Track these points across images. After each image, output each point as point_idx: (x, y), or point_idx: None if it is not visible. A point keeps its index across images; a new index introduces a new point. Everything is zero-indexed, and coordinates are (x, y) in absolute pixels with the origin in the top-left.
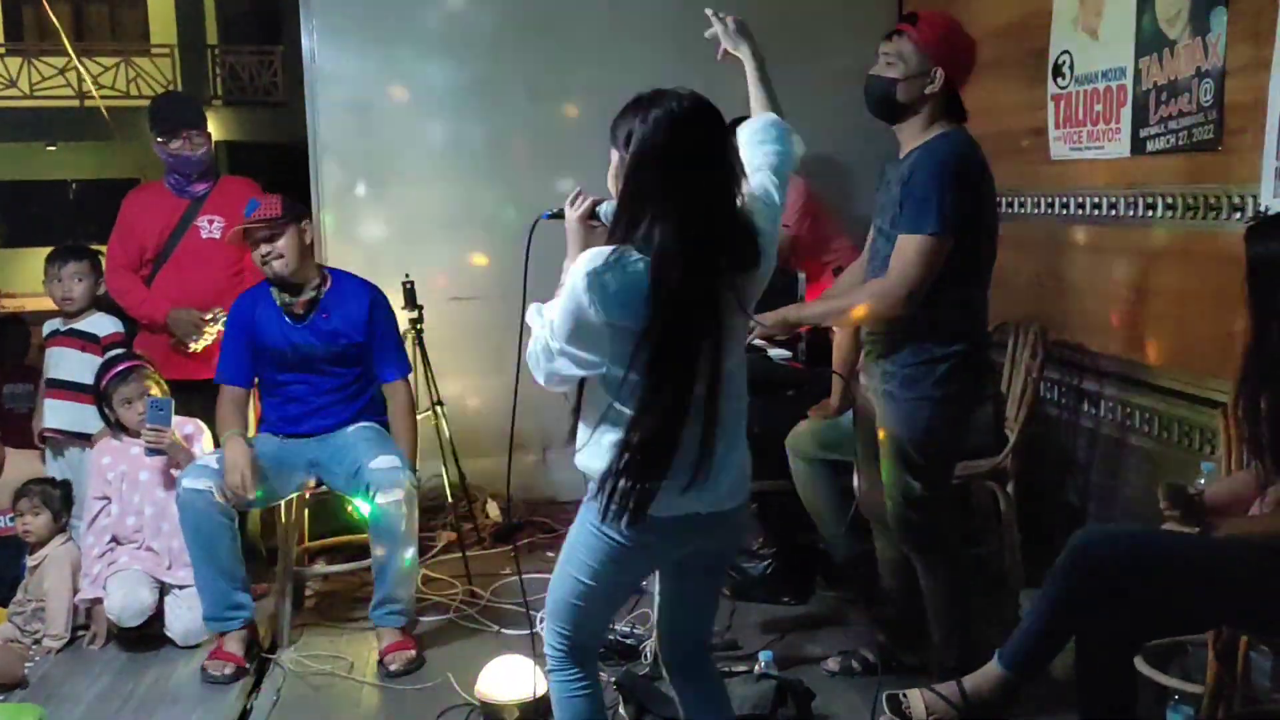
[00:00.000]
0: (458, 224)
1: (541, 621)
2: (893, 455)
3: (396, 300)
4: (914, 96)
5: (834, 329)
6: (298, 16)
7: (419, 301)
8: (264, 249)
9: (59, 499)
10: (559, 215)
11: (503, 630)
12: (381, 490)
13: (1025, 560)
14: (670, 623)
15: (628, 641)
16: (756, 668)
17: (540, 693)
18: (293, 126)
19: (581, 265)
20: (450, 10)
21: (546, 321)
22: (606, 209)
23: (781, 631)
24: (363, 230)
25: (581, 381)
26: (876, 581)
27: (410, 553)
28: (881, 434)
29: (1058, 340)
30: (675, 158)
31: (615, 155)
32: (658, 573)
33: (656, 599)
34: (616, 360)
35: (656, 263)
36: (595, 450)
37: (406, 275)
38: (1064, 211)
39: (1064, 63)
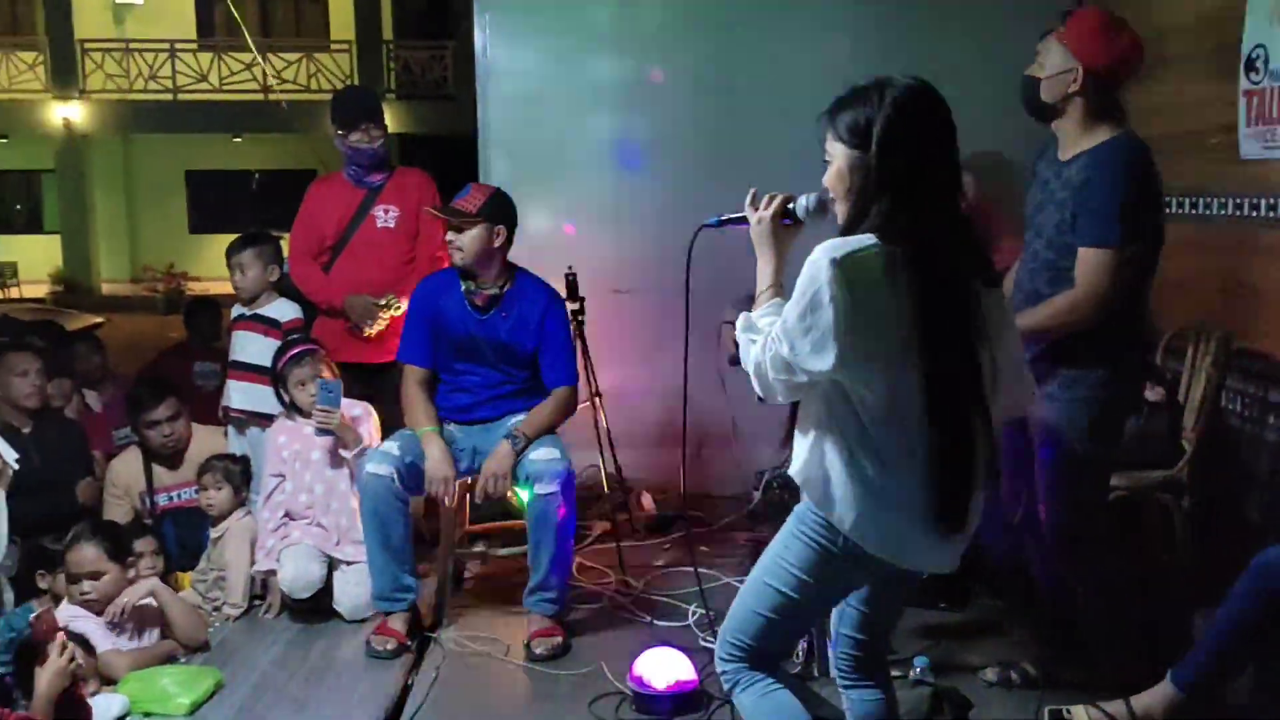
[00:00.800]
0: (621, 217)
1: (702, 620)
2: (1049, 459)
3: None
4: (1058, 95)
5: None
6: (470, 12)
7: (581, 293)
8: (450, 235)
9: (239, 474)
10: (730, 222)
11: (655, 621)
12: (539, 481)
13: (1202, 578)
14: (857, 625)
15: None
16: (911, 673)
17: (691, 684)
18: (461, 120)
19: (821, 257)
20: (619, 5)
21: (775, 330)
22: (805, 203)
23: (937, 638)
24: (528, 222)
25: None
26: (1038, 591)
27: (567, 541)
28: (1038, 437)
29: (1242, 348)
30: (928, 142)
31: (839, 148)
32: None
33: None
34: (860, 362)
35: (919, 250)
36: (817, 461)
37: (569, 267)
38: (1253, 214)
39: (1258, 57)
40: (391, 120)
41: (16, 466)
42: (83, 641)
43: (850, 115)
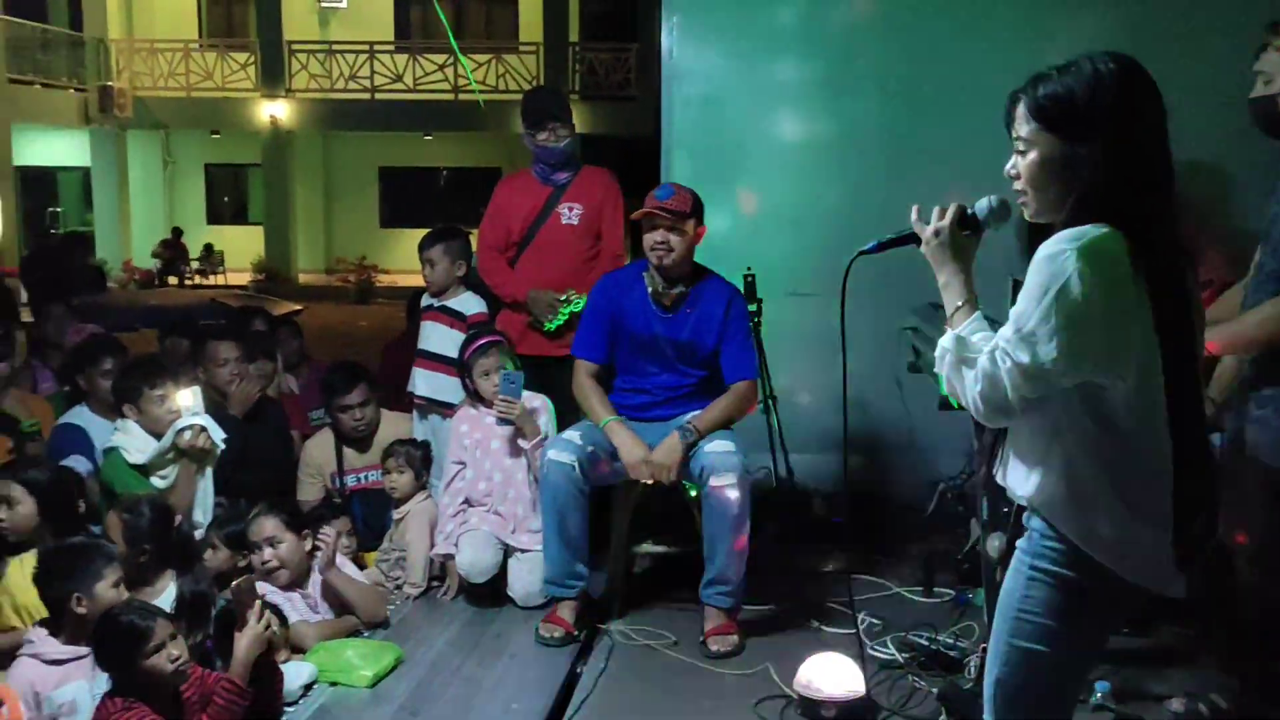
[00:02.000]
0: (800, 219)
1: (871, 628)
2: (1260, 485)
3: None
4: None
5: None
6: (654, 14)
7: (758, 295)
8: (658, 236)
9: (420, 459)
10: (892, 244)
11: (824, 627)
12: (715, 474)
13: None
14: None
15: (951, 654)
16: (1092, 699)
17: (859, 693)
18: (641, 120)
19: (1064, 248)
20: (806, 5)
21: (1005, 340)
22: (988, 205)
23: (1119, 663)
24: (709, 222)
25: None
26: (1234, 622)
27: (742, 535)
28: (1249, 462)
29: None
30: (1150, 122)
31: (1043, 135)
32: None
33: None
34: (1114, 361)
35: (1154, 240)
36: (1063, 480)
37: (748, 268)
38: None
39: None
40: (575, 120)
41: (223, 446)
42: (275, 612)
43: (1059, 95)
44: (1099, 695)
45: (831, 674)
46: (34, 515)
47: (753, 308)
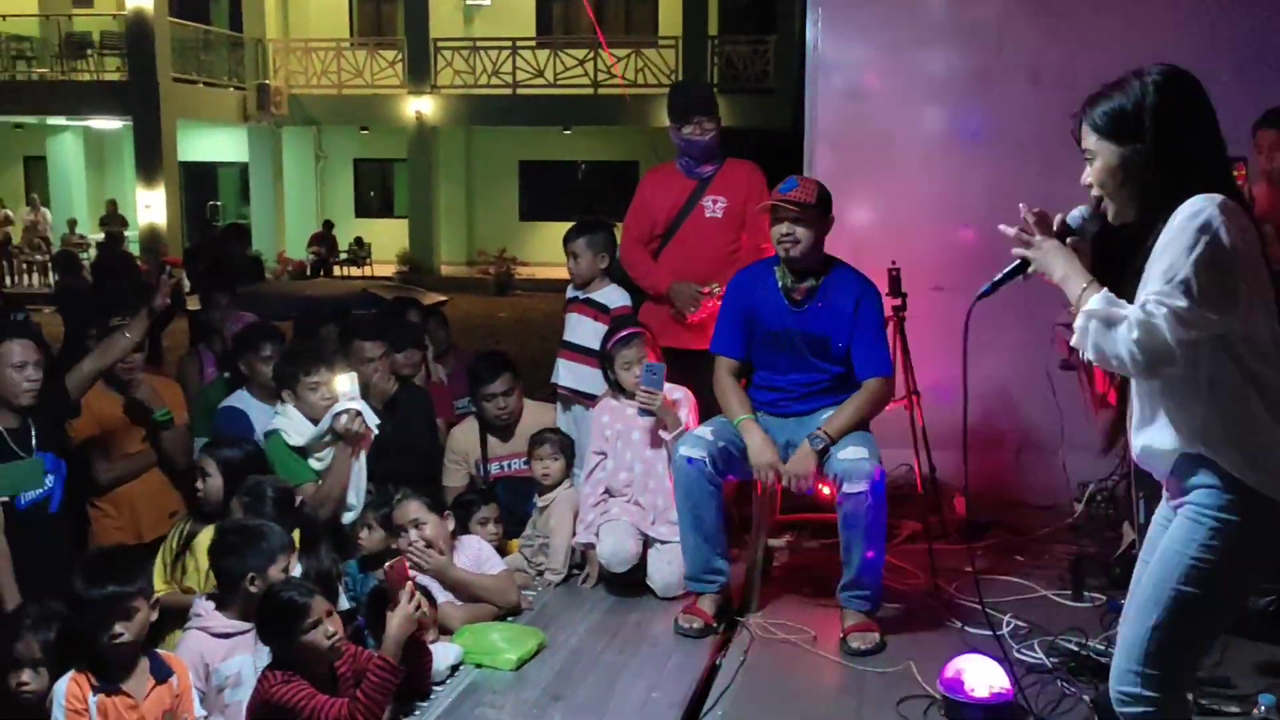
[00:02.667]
0: (946, 213)
1: (1017, 630)
2: None
3: (880, 286)
4: None
5: None
6: (794, 6)
7: (903, 289)
8: (785, 229)
9: (570, 448)
10: (1005, 280)
11: (967, 628)
12: (849, 480)
13: None
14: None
15: (1103, 660)
16: (1255, 710)
17: (1007, 696)
18: (779, 113)
19: (1205, 204)
20: None
21: (1158, 290)
22: (1080, 214)
23: None
24: (851, 215)
25: None
26: None
27: (878, 541)
28: None
29: None
30: (1200, 123)
31: (1104, 145)
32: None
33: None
34: (1259, 303)
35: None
36: (1225, 423)
37: (893, 262)
38: None
39: None
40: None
41: (378, 432)
42: (425, 593)
43: (1113, 108)
44: (1263, 707)
45: (977, 675)
46: (221, 489)
47: (898, 303)
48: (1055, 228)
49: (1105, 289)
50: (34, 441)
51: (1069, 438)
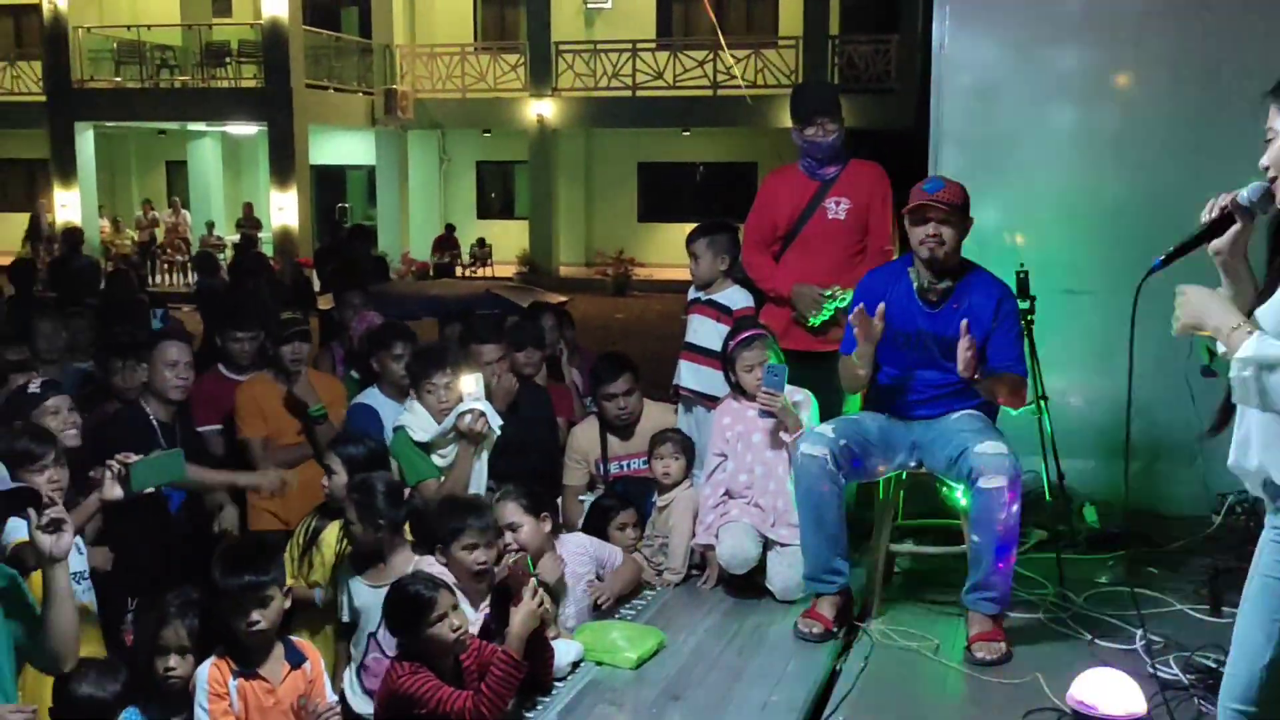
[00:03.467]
0: (1077, 213)
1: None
2: None
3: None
4: None
5: None
6: (916, 4)
7: (1031, 292)
8: (930, 229)
9: (691, 448)
10: (1178, 254)
11: (1096, 641)
12: (985, 475)
13: None
14: None
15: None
16: None
17: (1140, 715)
18: (900, 113)
19: None
20: None
21: None
22: (1249, 194)
23: None
24: (978, 217)
25: None
26: None
27: (1011, 541)
28: None
29: None
30: None
31: None
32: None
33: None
34: None
35: None
36: None
37: (1021, 264)
38: None
39: None
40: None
41: (499, 432)
42: (546, 589)
43: None
44: None
45: (1109, 690)
46: (346, 486)
47: (1025, 305)
48: (1225, 206)
49: (1259, 331)
50: (178, 437)
51: (1206, 447)
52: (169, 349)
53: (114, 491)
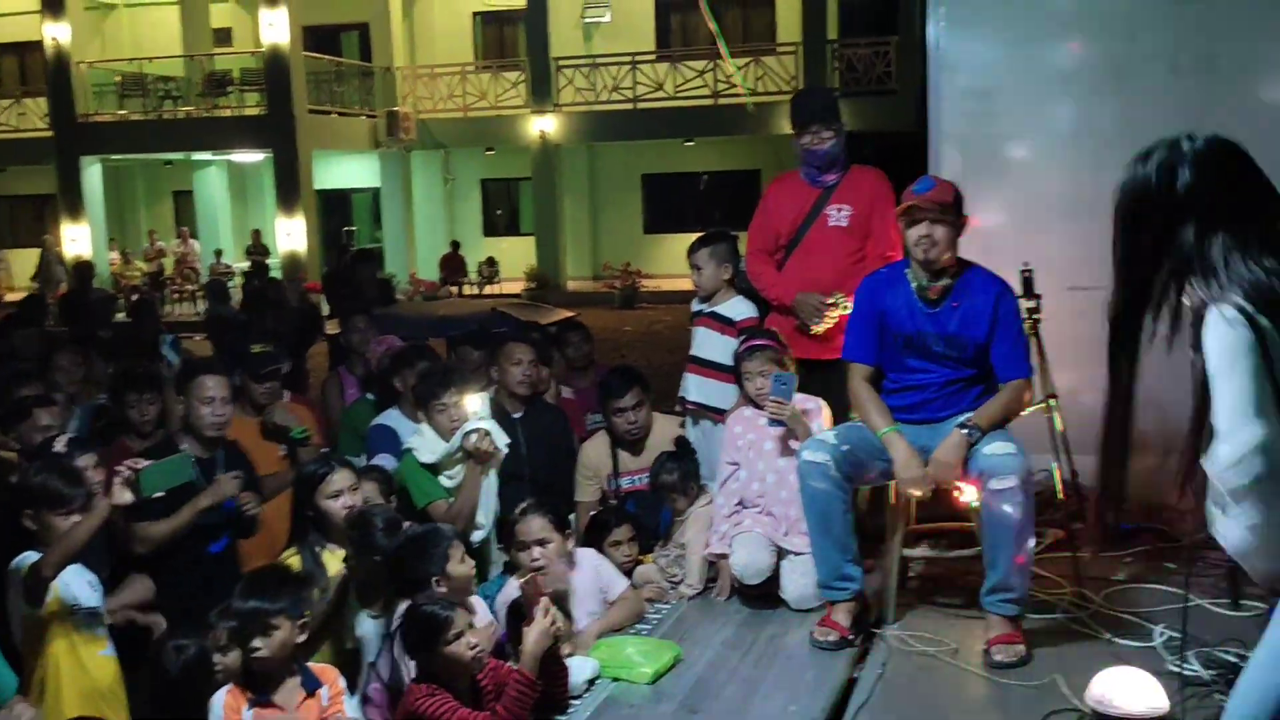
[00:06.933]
0: (1080, 210)
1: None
2: None
3: (1014, 289)
4: None
5: None
6: (914, 5)
7: (1036, 291)
8: (922, 230)
9: (694, 470)
10: None
11: (1115, 639)
12: (996, 476)
13: None
14: None
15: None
16: None
17: (1163, 711)
18: (901, 115)
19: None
20: None
21: None
22: None
23: None
24: (980, 217)
25: None
26: None
27: (1026, 540)
28: None
29: None
30: None
31: None
32: None
33: None
34: None
35: None
36: None
37: (1025, 263)
38: None
39: None
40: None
41: (506, 451)
42: (561, 607)
43: None
44: None
45: (1130, 689)
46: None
47: (1032, 304)
48: None
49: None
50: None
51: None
52: (205, 383)
53: (124, 496)
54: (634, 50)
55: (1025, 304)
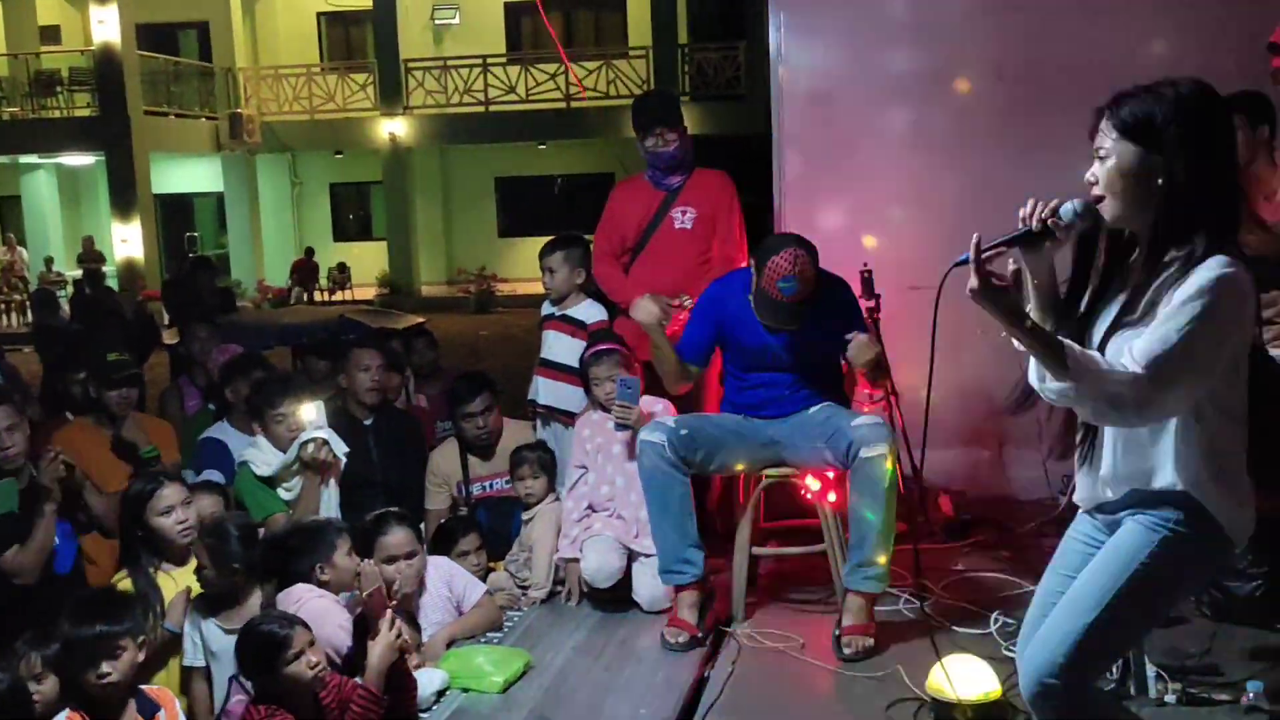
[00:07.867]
0: (917, 212)
1: (1004, 628)
2: None
3: (853, 289)
4: None
5: None
6: (763, 11)
7: (876, 290)
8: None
9: (551, 463)
10: (995, 249)
11: (954, 628)
12: (866, 445)
13: None
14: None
15: None
16: (1244, 699)
17: (994, 694)
18: (752, 119)
19: (1218, 271)
20: None
21: (1168, 354)
22: (1073, 208)
23: (1273, 661)
24: (822, 219)
25: None
26: None
27: (894, 512)
28: None
29: None
30: (1227, 144)
31: (1126, 148)
32: None
33: None
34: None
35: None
36: (1207, 464)
37: (864, 264)
38: None
39: None
40: (686, 122)
41: (345, 460)
42: (407, 619)
43: (1142, 112)
44: (1251, 695)
45: (965, 676)
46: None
47: (872, 304)
48: (1045, 214)
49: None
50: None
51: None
52: None
53: None
54: (484, 53)
55: (865, 303)
